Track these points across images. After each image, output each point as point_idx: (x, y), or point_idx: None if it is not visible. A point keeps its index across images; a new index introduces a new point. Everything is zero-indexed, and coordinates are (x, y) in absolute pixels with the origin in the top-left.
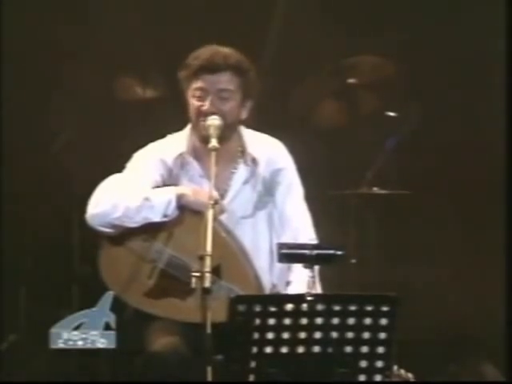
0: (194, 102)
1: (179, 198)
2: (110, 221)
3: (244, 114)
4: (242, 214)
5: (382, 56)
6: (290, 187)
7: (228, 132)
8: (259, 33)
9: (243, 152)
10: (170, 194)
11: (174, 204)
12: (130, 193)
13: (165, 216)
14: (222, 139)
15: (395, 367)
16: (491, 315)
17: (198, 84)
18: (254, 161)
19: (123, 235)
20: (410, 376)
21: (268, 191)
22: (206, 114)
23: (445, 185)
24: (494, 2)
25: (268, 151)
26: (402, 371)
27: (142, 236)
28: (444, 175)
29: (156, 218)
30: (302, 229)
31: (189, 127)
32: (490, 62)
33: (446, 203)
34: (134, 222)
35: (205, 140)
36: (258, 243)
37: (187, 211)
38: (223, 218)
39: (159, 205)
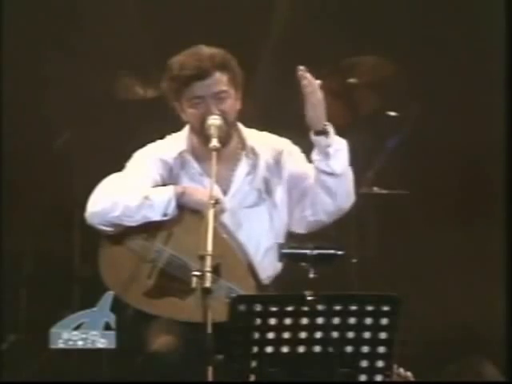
0: (192, 111)
1: (179, 196)
2: (110, 219)
3: (239, 105)
4: (246, 205)
5: (382, 56)
6: (298, 161)
7: (230, 129)
8: (259, 33)
9: (244, 145)
10: (169, 193)
11: (173, 203)
12: (130, 191)
13: (165, 215)
14: (224, 139)
15: (394, 366)
16: (491, 315)
17: (192, 93)
18: (254, 151)
19: (123, 235)
20: (409, 375)
21: (275, 174)
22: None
23: (445, 185)
24: (494, 2)
25: (267, 140)
26: (401, 370)
27: (142, 235)
28: (444, 175)
29: (156, 216)
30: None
31: (187, 127)
32: (490, 61)
33: (446, 203)
34: (134, 221)
35: (208, 140)
36: (260, 237)
37: (187, 210)
38: (226, 213)
39: (159, 203)
